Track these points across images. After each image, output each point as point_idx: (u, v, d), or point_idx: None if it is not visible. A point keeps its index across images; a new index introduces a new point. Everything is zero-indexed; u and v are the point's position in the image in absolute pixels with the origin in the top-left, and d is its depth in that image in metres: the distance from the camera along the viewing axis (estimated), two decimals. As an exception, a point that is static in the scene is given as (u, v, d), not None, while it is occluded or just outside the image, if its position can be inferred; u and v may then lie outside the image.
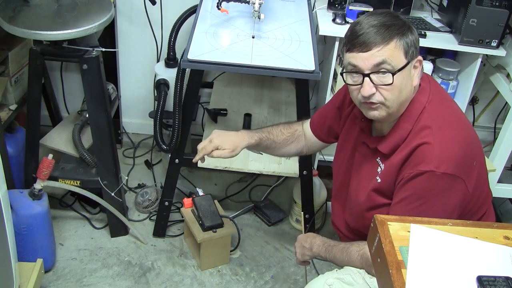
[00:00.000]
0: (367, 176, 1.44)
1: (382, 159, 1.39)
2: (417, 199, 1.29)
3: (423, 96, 1.34)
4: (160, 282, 2.19)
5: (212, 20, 2.17)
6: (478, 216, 1.41)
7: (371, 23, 1.28)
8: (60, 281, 2.15)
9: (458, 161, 1.26)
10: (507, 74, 2.34)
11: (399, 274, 0.92)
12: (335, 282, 1.47)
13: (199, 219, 2.19)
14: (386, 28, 1.27)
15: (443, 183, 1.26)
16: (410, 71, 1.32)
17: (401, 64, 1.29)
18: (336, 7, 2.37)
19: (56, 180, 2.20)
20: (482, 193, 1.39)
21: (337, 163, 1.63)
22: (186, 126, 2.12)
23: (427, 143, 1.27)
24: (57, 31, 1.89)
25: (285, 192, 2.75)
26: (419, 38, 1.34)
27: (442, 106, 1.36)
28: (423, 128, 1.30)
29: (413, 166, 1.28)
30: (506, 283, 0.92)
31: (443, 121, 1.32)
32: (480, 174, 1.34)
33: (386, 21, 1.28)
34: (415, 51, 1.32)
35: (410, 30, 1.31)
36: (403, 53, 1.29)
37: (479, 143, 1.39)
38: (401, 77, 1.30)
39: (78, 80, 2.55)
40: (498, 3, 2.08)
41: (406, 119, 1.34)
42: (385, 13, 1.32)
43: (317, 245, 1.58)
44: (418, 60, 1.34)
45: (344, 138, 1.59)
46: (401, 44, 1.28)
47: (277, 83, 2.75)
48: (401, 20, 1.31)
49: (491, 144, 2.78)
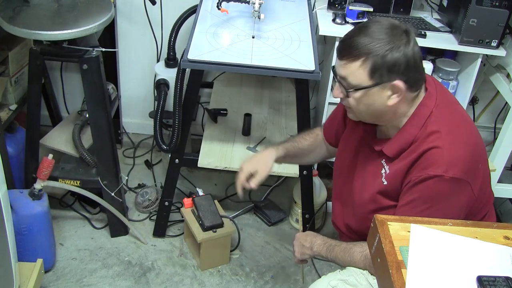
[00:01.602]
0: (372, 178, 1.44)
1: (387, 161, 1.39)
2: (424, 202, 1.28)
3: (430, 101, 1.33)
4: (160, 282, 2.19)
5: (212, 20, 2.17)
6: (479, 217, 1.41)
7: (356, 33, 1.28)
8: (60, 281, 2.15)
9: (466, 165, 1.26)
10: (507, 74, 2.34)
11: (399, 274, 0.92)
12: (339, 283, 1.46)
13: (199, 219, 2.19)
14: (360, 45, 1.26)
15: (451, 187, 1.26)
16: (382, 92, 1.29)
17: (363, 84, 1.28)
18: (336, 7, 2.37)
19: (56, 180, 2.20)
20: (485, 195, 1.39)
21: (338, 164, 1.62)
22: (186, 126, 2.12)
23: (437, 147, 1.27)
24: (57, 31, 1.89)
25: (285, 192, 2.75)
26: (405, 61, 1.25)
27: (449, 110, 1.36)
28: (432, 133, 1.30)
29: (422, 170, 1.28)
30: (506, 283, 0.92)
31: (451, 125, 1.31)
32: (484, 176, 1.35)
33: (368, 37, 1.26)
34: (386, 74, 1.26)
35: (392, 51, 1.24)
36: (367, 74, 1.27)
37: (483, 146, 1.39)
38: (360, 95, 1.31)
39: (78, 80, 2.55)
40: (498, 3, 2.08)
41: (412, 123, 1.33)
42: (379, 26, 1.27)
43: (317, 245, 1.56)
44: (391, 84, 1.27)
45: (346, 140, 1.58)
46: (368, 65, 1.26)
47: (277, 83, 2.75)
48: (385, 39, 1.25)
49: (491, 144, 2.78)
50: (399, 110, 1.34)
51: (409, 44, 1.26)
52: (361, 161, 1.50)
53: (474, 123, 2.73)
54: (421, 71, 1.31)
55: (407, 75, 1.27)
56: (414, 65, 1.27)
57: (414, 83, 1.30)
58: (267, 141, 2.29)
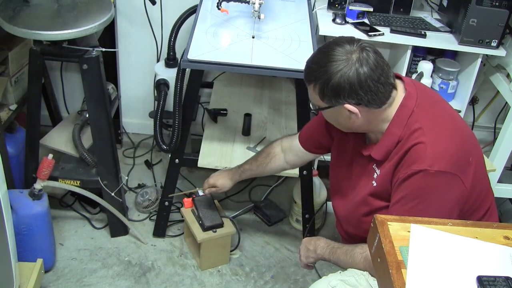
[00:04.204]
0: (364, 183, 1.45)
1: (378, 165, 1.40)
2: (413, 198, 1.29)
3: (410, 101, 1.34)
4: (160, 282, 2.19)
5: (212, 20, 2.17)
6: (480, 214, 1.41)
7: (310, 59, 1.36)
8: (60, 281, 2.15)
9: (451, 158, 1.27)
10: (507, 74, 2.35)
11: (399, 274, 0.92)
12: (339, 283, 1.46)
13: (199, 219, 2.19)
14: (310, 71, 1.34)
15: (438, 181, 1.26)
16: (340, 113, 1.34)
17: (320, 105, 1.36)
18: (336, 7, 2.37)
19: (56, 180, 2.20)
20: (482, 190, 1.39)
21: (335, 177, 1.63)
22: (186, 126, 2.12)
23: (421, 143, 1.28)
24: (57, 31, 1.89)
25: (285, 192, 2.75)
26: (349, 86, 1.27)
27: (432, 107, 1.37)
28: (415, 130, 1.31)
29: (408, 166, 1.29)
30: (506, 283, 0.92)
31: (434, 121, 1.32)
32: (478, 170, 1.34)
33: (315, 64, 1.32)
34: (333, 99, 1.30)
35: (334, 77, 1.27)
36: (319, 97, 1.34)
37: (475, 139, 1.40)
38: (326, 114, 1.42)
39: (78, 80, 2.55)
40: (498, 3, 2.08)
41: (395, 124, 1.35)
42: (328, 51, 1.30)
43: (321, 247, 1.58)
44: (343, 107, 1.31)
45: (337, 153, 1.60)
46: (316, 89, 1.33)
47: (277, 83, 2.75)
48: (328, 66, 1.28)
49: (491, 144, 2.78)
50: (373, 121, 1.36)
51: (352, 68, 1.26)
52: (356, 171, 1.51)
53: (474, 123, 2.77)
54: (376, 89, 1.29)
55: (355, 98, 1.29)
56: (362, 87, 1.27)
57: (370, 102, 1.30)
58: (267, 141, 2.29)
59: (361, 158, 1.47)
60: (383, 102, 1.32)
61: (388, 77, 1.31)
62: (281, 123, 2.46)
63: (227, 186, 2.01)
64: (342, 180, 1.57)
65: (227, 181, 1.99)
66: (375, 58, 1.28)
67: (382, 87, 1.29)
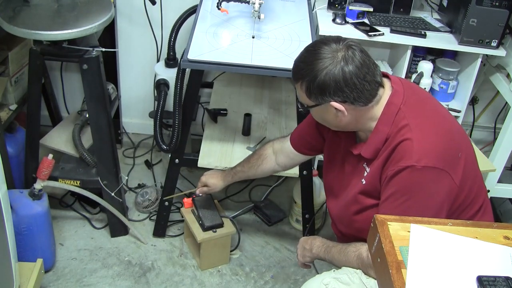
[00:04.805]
0: (355, 182, 1.46)
1: (368, 163, 1.41)
2: (402, 195, 1.29)
3: (396, 98, 1.35)
4: (160, 282, 2.19)
5: (212, 20, 2.17)
6: (473, 211, 1.40)
7: (297, 58, 1.36)
8: (60, 281, 2.15)
9: (439, 153, 1.27)
10: (507, 74, 2.35)
11: (399, 274, 0.92)
12: (332, 281, 1.47)
13: (199, 219, 2.19)
14: (297, 69, 1.34)
15: (426, 177, 1.27)
16: (327, 111, 1.35)
17: (307, 104, 1.37)
18: (336, 7, 2.37)
19: (56, 180, 2.20)
20: (474, 185, 1.38)
21: (328, 178, 1.63)
22: (186, 126, 2.12)
23: (407, 139, 1.29)
24: (57, 31, 1.89)
25: (285, 192, 2.75)
26: (334, 83, 1.28)
27: (419, 104, 1.37)
28: (402, 127, 1.31)
29: (395, 163, 1.29)
30: (506, 283, 0.92)
31: (421, 117, 1.33)
32: (468, 165, 1.34)
33: (302, 62, 1.33)
34: (319, 97, 1.31)
35: (319, 74, 1.28)
36: (306, 95, 1.34)
37: (465, 135, 1.40)
38: (313, 112, 1.42)
39: (78, 80, 2.55)
40: (498, 3, 2.08)
41: (382, 122, 1.35)
42: (314, 49, 1.31)
43: (316, 246, 1.59)
44: (329, 105, 1.32)
45: (330, 152, 1.60)
46: (303, 87, 1.33)
47: (277, 83, 2.75)
48: (314, 64, 1.29)
49: (491, 144, 2.78)
50: (360, 119, 1.37)
51: (337, 66, 1.27)
52: (347, 171, 1.51)
53: (474, 123, 2.77)
54: (361, 87, 1.29)
55: (341, 96, 1.30)
56: (347, 85, 1.28)
57: (356, 99, 1.30)
58: (267, 141, 2.29)
59: (352, 158, 1.47)
60: (369, 100, 1.33)
61: (375, 75, 1.32)
62: (281, 123, 2.46)
63: (218, 187, 2.02)
64: (334, 180, 1.58)
65: (219, 181, 2.01)
66: (361, 56, 1.29)
67: (368, 85, 1.30)
